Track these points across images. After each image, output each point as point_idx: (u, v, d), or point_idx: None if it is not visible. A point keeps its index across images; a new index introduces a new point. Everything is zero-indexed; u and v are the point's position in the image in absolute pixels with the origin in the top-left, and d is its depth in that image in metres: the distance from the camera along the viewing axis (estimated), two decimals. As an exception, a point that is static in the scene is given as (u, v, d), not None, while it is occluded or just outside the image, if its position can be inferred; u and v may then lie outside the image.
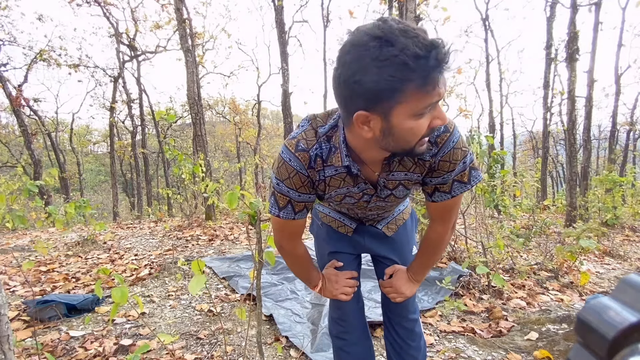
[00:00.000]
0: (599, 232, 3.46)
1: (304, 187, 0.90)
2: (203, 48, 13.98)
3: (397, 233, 1.22)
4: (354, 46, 0.64)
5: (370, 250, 1.25)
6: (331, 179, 0.90)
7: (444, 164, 0.87)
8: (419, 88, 0.64)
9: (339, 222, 1.23)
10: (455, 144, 0.86)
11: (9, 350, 1.05)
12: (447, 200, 0.94)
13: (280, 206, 0.94)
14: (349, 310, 1.25)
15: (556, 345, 1.84)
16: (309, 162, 0.87)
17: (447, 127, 0.85)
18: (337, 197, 0.97)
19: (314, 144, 0.87)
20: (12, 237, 4.81)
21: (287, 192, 0.91)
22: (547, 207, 7.02)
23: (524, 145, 22.20)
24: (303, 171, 0.88)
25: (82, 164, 16.88)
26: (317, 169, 0.89)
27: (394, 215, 1.22)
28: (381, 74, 0.63)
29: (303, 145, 0.86)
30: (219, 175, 9.85)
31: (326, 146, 0.87)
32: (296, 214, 0.95)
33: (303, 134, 0.88)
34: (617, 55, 10.97)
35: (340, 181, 0.91)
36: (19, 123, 9.63)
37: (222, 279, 2.95)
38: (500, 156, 3.36)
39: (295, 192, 0.91)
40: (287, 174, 0.88)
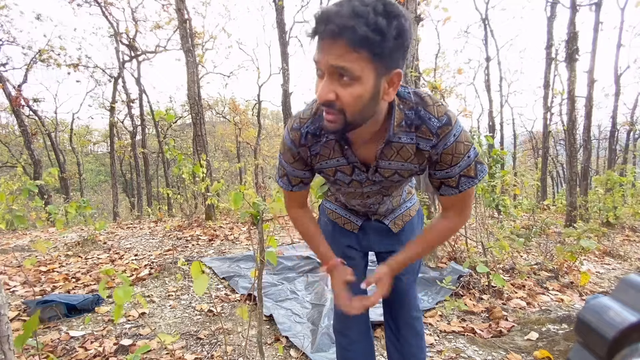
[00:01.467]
0: (599, 232, 3.46)
1: (296, 163, 1.00)
2: (203, 48, 13.98)
3: (404, 230, 1.21)
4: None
5: (376, 248, 1.25)
6: (322, 147, 0.95)
7: (446, 157, 0.88)
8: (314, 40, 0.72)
9: (345, 219, 1.23)
10: (457, 137, 0.86)
11: (9, 350, 1.05)
12: (455, 195, 0.94)
13: (280, 175, 1.06)
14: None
15: (556, 345, 1.84)
16: (299, 139, 0.95)
17: (450, 120, 0.85)
18: (329, 171, 1.00)
19: (306, 122, 0.93)
20: (12, 237, 4.81)
21: (284, 165, 1.02)
22: (547, 207, 7.03)
23: (524, 145, 22.20)
24: (294, 148, 0.97)
25: (82, 164, 16.87)
26: (308, 144, 0.95)
27: (401, 211, 1.21)
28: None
29: (297, 124, 0.94)
30: (219, 175, 9.86)
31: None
32: (293, 186, 1.05)
33: (301, 113, 0.95)
34: (616, 55, 10.98)
35: (330, 150, 0.95)
36: (18, 123, 9.63)
37: (222, 279, 2.95)
38: (501, 156, 3.36)
39: (290, 166, 1.01)
40: (283, 149, 1.00)
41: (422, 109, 0.86)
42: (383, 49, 0.69)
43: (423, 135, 0.87)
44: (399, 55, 0.73)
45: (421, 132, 0.87)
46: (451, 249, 3.28)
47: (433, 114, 0.85)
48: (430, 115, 0.85)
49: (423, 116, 0.86)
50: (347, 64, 0.69)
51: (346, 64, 0.69)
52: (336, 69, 0.71)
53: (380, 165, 0.94)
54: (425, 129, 0.86)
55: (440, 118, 0.85)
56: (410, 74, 3.15)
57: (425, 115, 0.85)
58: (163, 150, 11.85)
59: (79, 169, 15.64)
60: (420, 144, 0.88)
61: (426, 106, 0.86)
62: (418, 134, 0.87)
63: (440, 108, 0.86)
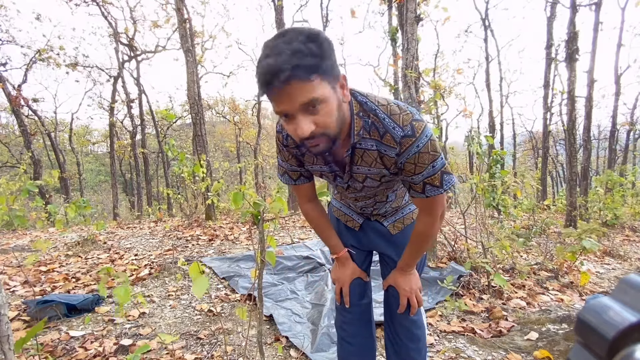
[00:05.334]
0: (599, 232, 3.46)
1: (290, 160, 1.07)
2: (202, 47, 13.98)
3: (402, 233, 1.22)
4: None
5: (375, 248, 1.29)
6: (305, 155, 1.04)
7: (409, 166, 0.92)
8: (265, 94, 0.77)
9: (348, 217, 1.28)
10: (420, 148, 0.89)
11: (9, 350, 1.05)
12: (423, 199, 0.99)
13: (281, 173, 1.13)
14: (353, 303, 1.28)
15: (556, 345, 1.84)
16: (283, 140, 1.03)
17: (414, 131, 0.88)
18: (316, 174, 1.09)
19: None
20: (12, 237, 4.81)
21: (281, 162, 1.10)
22: (547, 207, 7.03)
23: (524, 145, 22.21)
24: (283, 149, 1.05)
25: (82, 164, 16.87)
26: (291, 146, 1.03)
27: (403, 214, 1.22)
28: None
29: (279, 127, 1.02)
30: (219, 175, 9.85)
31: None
32: (294, 180, 1.12)
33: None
34: (617, 55, 10.98)
35: (312, 158, 1.03)
36: (18, 123, 9.63)
37: (222, 279, 2.95)
38: (501, 156, 3.36)
39: (286, 163, 1.08)
40: (278, 149, 1.07)
41: (386, 117, 0.89)
42: (326, 66, 0.76)
43: (387, 143, 0.91)
44: (335, 62, 0.80)
45: (386, 139, 0.90)
46: (451, 249, 3.28)
47: (398, 122, 0.88)
48: (395, 124, 0.88)
49: (387, 125, 0.89)
50: (313, 94, 0.75)
51: (313, 95, 0.75)
52: (307, 104, 0.76)
53: (353, 170, 0.99)
54: (390, 137, 0.89)
55: (404, 127, 0.88)
56: (409, 74, 3.15)
57: (389, 124, 0.89)
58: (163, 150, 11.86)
59: (78, 169, 15.64)
60: (385, 150, 0.92)
61: (391, 114, 0.89)
62: (383, 141, 0.91)
63: (406, 117, 0.88)
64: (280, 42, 0.73)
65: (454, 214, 6.58)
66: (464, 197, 8.06)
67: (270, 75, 0.72)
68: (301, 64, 0.71)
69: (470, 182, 3.15)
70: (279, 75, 0.71)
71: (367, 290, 1.31)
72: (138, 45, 13.27)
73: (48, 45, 11.58)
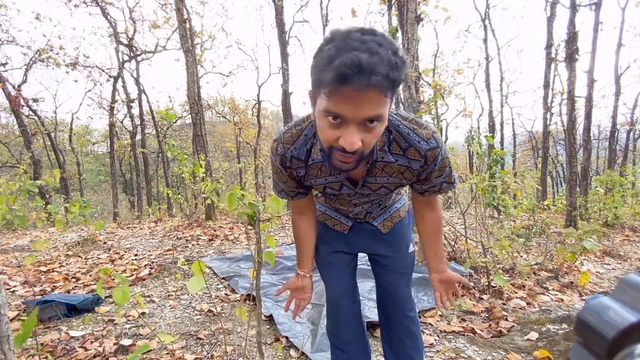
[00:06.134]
0: (600, 233, 3.46)
1: (289, 182, 1.05)
2: (202, 47, 13.98)
3: (393, 230, 1.22)
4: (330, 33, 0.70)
5: (366, 249, 1.26)
6: (310, 168, 0.99)
7: (434, 174, 0.96)
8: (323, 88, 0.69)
9: (335, 220, 1.23)
10: (443, 156, 0.94)
11: (9, 350, 1.05)
12: (433, 196, 1.06)
13: (277, 190, 1.11)
14: (344, 310, 1.27)
15: (556, 345, 1.84)
16: (285, 162, 0.99)
17: (437, 143, 0.91)
18: (319, 187, 1.05)
19: (290, 147, 0.96)
20: (12, 237, 4.81)
21: (277, 182, 1.07)
22: (547, 207, 7.02)
23: (524, 146, 22.20)
24: (283, 171, 1.01)
25: (82, 164, 16.87)
26: (293, 167, 0.99)
27: (391, 212, 1.22)
28: (314, 63, 0.71)
29: (281, 149, 0.97)
30: (219, 175, 9.85)
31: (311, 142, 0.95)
32: (292, 197, 1.10)
33: (282, 137, 0.97)
34: (617, 55, 10.98)
35: (317, 170, 0.99)
36: (18, 123, 9.63)
37: (222, 279, 2.95)
38: (501, 156, 3.36)
39: (284, 184, 1.06)
40: (274, 170, 1.04)
41: (411, 132, 0.89)
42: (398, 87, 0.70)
43: (412, 157, 0.92)
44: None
45: (410, 153, 0.91)
46: (451, 249, 3.28)
47: (422, 137, 0.89)
48: (420, 138, 0.89)
49: (412, 139, 0.90)
50: (380, 110, 0.69)
51: (380, 111, 0.69)
52: (370, 119, 0.70)
53: (368, 181, 0.98)
54: (414, 151, 0.90)
55: (428, 141, 0.90)
56: (409, 75, 3.15)
57: (414, 139, 0.89)
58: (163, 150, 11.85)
59: (78, 169, 15.64)
60: (409, 163, 0.93)
61: (414, 129, 0.89)
62: (407, 155, 0.92)
63: (427, 131, 0.90)
64: (370, 39, 0.65)
65: (454, 214, 6.57)
66: (464, 197, 8.06)
67: (357, 70, 0.62)
68: (390, 75, 0.64)
69: (470, 182, 3.15)
70: (367, 77, 0.63)
71: (355, 294, 1.30)
72: (138, 46, 13.27)
73: (48, 45, 11.58)
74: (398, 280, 1.25)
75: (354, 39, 0.65)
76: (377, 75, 0.63)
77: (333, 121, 0.71)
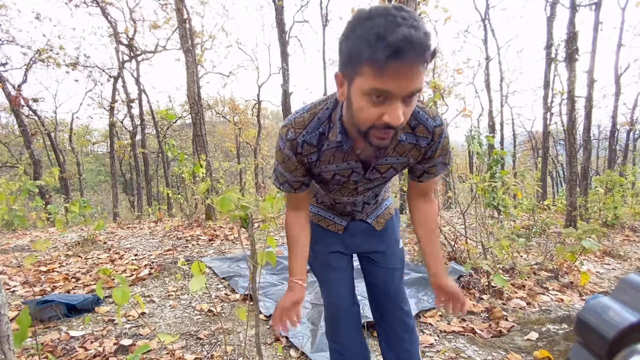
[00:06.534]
0: (599, 233, 3.46)
1: (297, 171, 1.00)
2: (202, 47, 13.98)
3: (385, 228, 1.26)
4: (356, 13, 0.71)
5: (361, 248, 1.26)
6: (323, 153, 0.97)
7: (438, 152, 0.99)
8: (371, 67, 0.67)
9: (329, 221, 1.24)
10: (446, 134, 0.97)
11: (9, 350, 1.05)
12: (430, 180, 1.08)
13: (280, 182, 1.06)
14: (344, 313, 1.26)
15: (556, 345, 1.84)
16: (297, 148, 0.95)
17: (442, 121, 0.96)
18: (327, 174, 1.02)
19: (302, 131, 0.94)
20: (12, 237, 4.81)
21: (283, 173, 1.02)
22: (547, 207, 7.02)
23: (524, 146, 22.21)
24: (293, 157, 0.97)
25: (82, 164, 16.87)
26: (305, 154, 0.96)
27: (382, 210, 1.26)
28: (352, 42, 0.69)
29: (292, 134, 0.94)
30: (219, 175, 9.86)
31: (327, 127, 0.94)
32: (295, 190, 1.06)
33: (293, 121, 0.95)
34: (617, 55, 10.98)
35: (330, 156, 0.97)
36: (18, 123, 9.63)
37: (222, 279, 2.95)
38: (501, 156, 3.36)
39: (290, 174, 1.01)
40: (282, 159, 0.99)
41: (420, 110, 0.93)
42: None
43: (421, 134, 0.95)
44: None
45: (418, 131, 0.95)
46: (451, 249, 3.28)
47: (430, 115, 0.94)
48: (428, 116, 0.94)
49: (422, 117, 0.94)
50: (421, 84, 0.70)
51: (422, 84, 0.70)
52: (413, 92, 0.70)
53: (379, 162, 0.99)
54: (423, 129, 0.94)
55: (435, 119, 0.94)
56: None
57: (423, 117, 0.94)
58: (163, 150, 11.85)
59: (78, 169, 15.65)
60: (417, 141, 0.96)
61: (422, 108, 0.94)
62: (416, 132, 0.95)
63: (432, 110, 0.96)
64: (408, 15, 0.64)
65: (454, 214, 6.57)
66: (464, 197, 8.05)
67: (409, 46, 0.63)
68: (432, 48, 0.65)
69: (470, 182, 3.15)
70: (419, 51, 0.64)
71: (354, 296, 1.30)
72: (138, 46, 13.27)
73: (48, 45, 11.58)
74: (392, 276, 1.27)
75: (395, 15, 0.64)
76: (426, 49, 0.65)
77: (376, 99, 0.71)
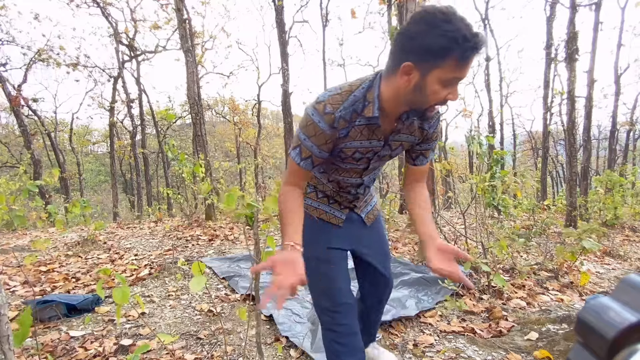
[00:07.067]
0: (599, 233, 3.46)
1: (325, 145, 1.06)
2: (202, 48, 13.98)
3: (374, 223, 1.38)
4: (426, 13, 0.86)
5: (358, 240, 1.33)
6: (352, 129, 1.06)
7: (434, 134, 1.15)
8: (456, 61, 0.85)
9: (330, 215, 1.28)
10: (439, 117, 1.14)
11: (9, 350, 1.05)
12: (424, 165, 1.22)
13: (302, 157, 1.08)
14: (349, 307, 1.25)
15: (556, 345, 1.84)
16: (333, 122, 1.02)
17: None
18: (348, 151, 1.10)
19: (339, 107, 1.02)
20: (12, 237, 4.81)
21: (310, 147, 1.05)
22: (547, 207, 7.02)
23: (524, 146, 22.20)
24: (327, 131, 1.03)
25: (82, 164, 16.87)
26: (339, 128, 1.04)
27: (372, 206, 1.38)
28: (437, 40, 0.84)
29: (329, 108, 1.02)
30: (219, 175, 9.86)
31: (361, 104, 1.04)
32: (314, 166, 1.10)
33: (330, 98, 1.02)
34: (616, 55, 10.98)
35: (358, 133, 1.07)
36: (18, 123, 9.64)
37: (222, 279, 2.95)
38: (501, 156, 3.36)
39: (317, 148, 1.06)
40: (313, 132, 1.03)
41: None
42: None
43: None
44: None
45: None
46: (451, 249, 3.27)
47: None
48: None
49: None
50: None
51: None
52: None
53: (392, 139, 1.11)
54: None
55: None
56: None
57: None
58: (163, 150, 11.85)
59: (78, 169, 15.65)
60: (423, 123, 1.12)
61: None
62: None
63: None
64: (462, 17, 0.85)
65: (454, 214, 6.58)
66: (464, 197, 8.06)
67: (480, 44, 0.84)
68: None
69: (470, 182, 3.15)
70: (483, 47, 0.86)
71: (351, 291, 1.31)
72: (138, 46, 13.28)
73: (48, 45, 11.58)
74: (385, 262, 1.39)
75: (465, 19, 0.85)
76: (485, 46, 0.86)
77: (448, 84, 0.90)
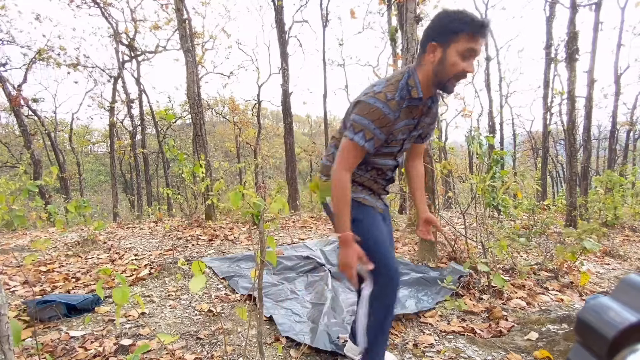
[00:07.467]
0: (600, 233, 3.46)
1: (387, 127, 1.30)
2: (202, 48, 13.98)
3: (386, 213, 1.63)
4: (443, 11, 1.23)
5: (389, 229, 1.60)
6: (402, 111, 1.31)
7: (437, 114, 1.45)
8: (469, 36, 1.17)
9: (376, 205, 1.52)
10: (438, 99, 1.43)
11: (9, 350, 1.04)
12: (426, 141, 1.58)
13: (367, 139, 1.31)
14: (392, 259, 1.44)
15: (556, 345, 1.84)
16: (394, 106, 1.28)
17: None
18: (396, 132, 1.35)
19: (395, 94, 1.28)
20: (12, 237, 4.80)
21: (373, 129, 1.29)
22: (547, 207, 7.02)
23: (524, 146, 22.20)
24: (391, 115, 1.28)
25: (82, 164, 16.87)
26: (398, 110, 1.29)
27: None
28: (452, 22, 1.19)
29: (390, 95, 1.28)
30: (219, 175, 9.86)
31: (406, 89, 1.30)
32: (374, 148, 1.34)
33: (385, 88, 1.29)
34: (616, 55, 10.98)
35: (406, 113, 1.33)
36: (18, 123, 9.64)
37: (222, 279, 2.95)
38: (501, 156, 3.36)
39: (379, 130, 1.30)
40: (377, 117, 1.27)
41: None
42: None
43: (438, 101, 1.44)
44: None
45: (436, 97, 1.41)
46: (451, 249, 3.28)
47: None
48: None
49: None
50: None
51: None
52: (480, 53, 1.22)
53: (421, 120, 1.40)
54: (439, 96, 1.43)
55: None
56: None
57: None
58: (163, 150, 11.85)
59: (78, 169, 15.64)
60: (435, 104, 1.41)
61: None
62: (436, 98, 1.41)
63: None
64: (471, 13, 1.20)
65: (454, 214, 6.58)
66: (464, 197, 8.05)
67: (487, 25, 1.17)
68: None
69: (470, 182, 3.15)
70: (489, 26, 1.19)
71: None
72: (138, 46, 13.27)
73: (48, 45, 11.58)
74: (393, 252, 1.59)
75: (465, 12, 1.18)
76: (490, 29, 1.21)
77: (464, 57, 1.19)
